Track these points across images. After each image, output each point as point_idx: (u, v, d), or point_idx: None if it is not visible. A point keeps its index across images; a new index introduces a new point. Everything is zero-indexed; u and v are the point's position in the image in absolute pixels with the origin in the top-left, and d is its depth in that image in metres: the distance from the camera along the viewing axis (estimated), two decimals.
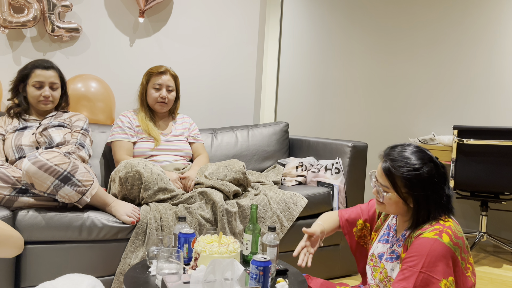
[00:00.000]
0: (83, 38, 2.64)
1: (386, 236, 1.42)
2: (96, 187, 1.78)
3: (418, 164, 1.24)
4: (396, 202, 1.28)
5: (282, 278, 1.46)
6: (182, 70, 2.88)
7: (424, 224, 1.26)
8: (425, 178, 1.24)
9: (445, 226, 1.22)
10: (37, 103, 2.09)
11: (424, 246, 1.19)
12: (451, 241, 1.19)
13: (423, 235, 1.21)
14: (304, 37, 4.28)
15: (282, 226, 2.14)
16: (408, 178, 1.23)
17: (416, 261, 1.18)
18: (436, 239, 1.19)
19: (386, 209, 1.32)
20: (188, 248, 1.55)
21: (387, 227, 1.44)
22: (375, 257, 1.41)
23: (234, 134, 2.79)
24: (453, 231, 1.22)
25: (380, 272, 1.35)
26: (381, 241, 1.43)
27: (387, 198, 1.29)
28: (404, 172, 1.24)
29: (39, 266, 1.70)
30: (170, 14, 2.87)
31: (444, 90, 3.69)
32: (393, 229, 1.41)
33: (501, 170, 2.80)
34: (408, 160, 1.25)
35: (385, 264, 1.33)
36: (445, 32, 3.68)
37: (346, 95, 4.09)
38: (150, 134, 2.31)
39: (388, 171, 1.26)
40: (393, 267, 1.30)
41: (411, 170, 1.23)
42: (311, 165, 2.57)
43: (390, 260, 1.32)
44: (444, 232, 1.20)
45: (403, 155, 1.26)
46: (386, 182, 1.27)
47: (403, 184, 1.25)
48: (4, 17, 2.33)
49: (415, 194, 1.25)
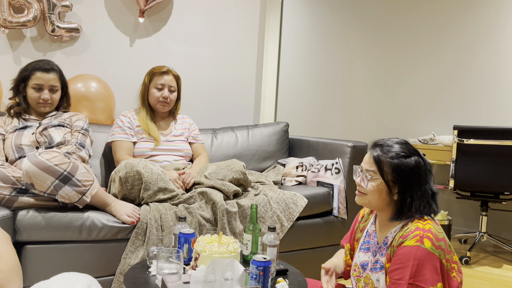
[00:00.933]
0: (83, 38, 2.64)
1: (367, 244, 1.39)
2: (96, 187, 1.78)
3: (405, 153, 1.25)
4: (380, 190, 1.26)
5: (282, 278, 1.46)
6: (182, 70, 2.88)
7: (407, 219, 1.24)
8: (411, 167, 1.23)
9: (425, 230, 1.19)
10: (36, 105, 2.09)
11: (408, 256, 1.16)
12: (433, 246, 1.17)
13: (405, 243, 1.18)
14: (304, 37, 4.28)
15: (282, 226, 2.13)
16: (395, 164, 1.23)
17: (402, 273, 1.16)
18: (418, 246, 1.16)
19: (368, 199, 1.29)
20: (188, 248, 1.54)
21: (366, 235, 1.41)
22: (357, 267, 1.39)
23: (234, 134, 2.79)
24: (434, 234, 1.19)
25: (366, 283, 1.33)
26: (361, 250, 1.40)
27: (371, 185, 1.27)
28: (393, 157, 1.24)
29: (39, 266, 1.70)
30: (170, 14, 2.87)
31: (444, 90, 3.69)
32: (373, 236, 1.37)
33: (501, 170, 2.80)
34: (396, 149, 1.26)
35: (370, 275, 1.31)
36: (445, 32, 3.67)
37: (346, 95, 4.09)
38: (150, 134, 2.31)
39: (377, 158, 1.26)
40: (378, 277, 1.28)
41: (399, 157, 1.24)
42: (311, 165, 2.57)
43: (375, 270, 1.30)
44: (424, 237, 1.17)
45: (391, 145, 1.28)
46: (373, 167, 1.27)
47: (390, 170, 1.24)
48: (4, 17, 2.34)
49: (401, 182, 1.24)
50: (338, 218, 2.40)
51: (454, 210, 3.64)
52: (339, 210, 2.38)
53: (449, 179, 2.94)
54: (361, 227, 1.47)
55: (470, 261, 2.89)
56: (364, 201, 1.31)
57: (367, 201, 1.30)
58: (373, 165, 1.27)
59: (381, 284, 1.27)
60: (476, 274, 2.69)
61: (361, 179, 1.31)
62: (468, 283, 2.53)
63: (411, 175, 1.23)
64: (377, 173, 1.26)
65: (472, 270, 2.76)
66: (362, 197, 1.31)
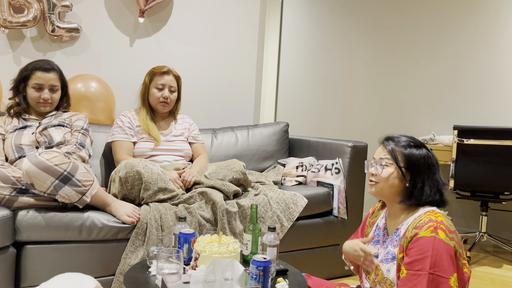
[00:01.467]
0: (83, 38, 2.64)
1: (376, 237, 1.41)
2: (96, 187, 1.78)
3: (415, 144, 1.34)
4: (393, 177, 1.31)
5: (282, 278, 1.46)
6: (182, 70, 2.88)
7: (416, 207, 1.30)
8: (422, 156, 1.31)
9: (438, 221, 1.22)
10: (36, 104, 2.09)
11: (426, 247, 1.18)
12: (447, 237, 1.20)
13: (420, 234, 1.20)
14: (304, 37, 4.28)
15: (282, 226, 2.14)
16: (408, 152, 1.31)
17: (422, 264, 1.18)
18: (434, 236, 1.19)
19: (380, 187, 1.34)
20: (188, 248, 1.54)
21: (376, 228, 1.44)
22: None
23: (234, 134, 2.79)
24: (446, 226, 1.22)
25: (376, 274, 1.34)
26: (371, 243, 1.42)
27: (385, 172, 1.32)
28: (405, 147, 1.32)
29: (39, 266, 1.70)
30: (170, 14, 2.87)
31: (444, 90, 3.69)
32: (383, 229, 1.41)
33: (501, 170, 2.80)
34: (406, 140, 1.35)
35: (381, 266, 1.32)
36: (445, 32, 3.68)
37: (346, 95, 4.09)
38: (150, 134, 2.31)
39: (390, 147, 1.34)
40: (389, 268, 1.29)
41: (411, 147, 1.32)
42: (311, 165, 2.57)
43: (386, 261, 1.31)
44: (438, 228, 1.20)
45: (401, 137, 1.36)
46: (387, 155, 1.34)
47: (403, 158, 1.31)
48: (4, 17, 2.34)
49: (413, 169, 1.30)
50: (338, 218, 2.40)
51: (454, 210, 3.64)
52: (339, 210, 2.38)
53: (449, 179, 2.94)
54: (371, 222, 1.50)
55: (470, 261, 2.89)
56: (377, 189, 1.35)
57: (380, 189, 1.35)
58: (387, 154, 1.34)
59: (391, 275, 1.28)
60: (476, 274, 2.69)
61: (375, 168, 1.36)
62: None
63: (422, 163, 1.30)
64: (392, 160, 1.32)
65: (472, 270, 2.76)
66: (375, 186, 1.36)
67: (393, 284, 1.27)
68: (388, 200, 1.37)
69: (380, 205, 1.51)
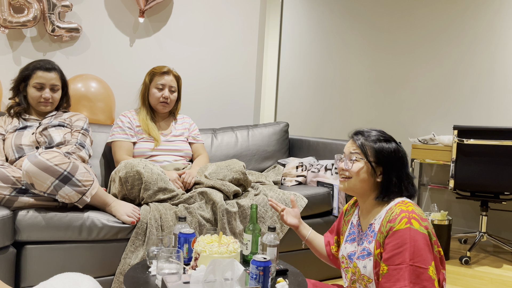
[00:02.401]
0: (83, 38, 2.64)
1: (352, 235, 1.42)
2: (96, 187, 1.78)
3: (385, 138, 1.35)
4: (364, 172, 1.32)
5: (282, 278, 1.46)
6: (182, 70, 2.88)
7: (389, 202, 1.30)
8: (392, 150, 1.32)
9: (409, 211, 1.23)
10: (37, 104, 2.09)
11: (403, 239, 1.19)
12: (421, 226, 1.21)
13: (395, 228, 1.21)
14: (304, 37, 4.28)
15: (282, 226, 2.13)
16: (377, 147, 1.32)
17: (402, 257, 1.19)
18: (409, 227, 1.20)
19: (352, 182, 1.34)
20: (188, 248, 1.54)
21: (351, 226, 1.45)
22: (345, 259, 1.41)
23: (234, 134, 2.79)
24: (418, 215, 1.23)
25: (353, 273, 1.35)
26: (348, 241, 1.43)
27: (356, 167, 1.33)
28: (375, 141, 1.33)
29: (39, 266, 1.70)
30: (170, 14, 2.87)
31: (444, 90, 3.69)
32: (357, 226, 1.41)
33: (501, 170, 2.80)
34: (375, 134, 1.36)
35: (358, 263, 1.33)
36: (445, 32, 3.68)
37: (346, 95, 4.09)
38: (150, 134, 2.31)
39: (360, 142, 1.35)
40: (365, 264, 1.30)
41: (380, 141, 1.33)
42: (311, 165, 2.57)
43: (362, 258, 1.32)
44: (412, 218, 1.21)
45: (370, 131, 1.37)
46: (357, 149, 1.34)
47: (373, 153, 1.32)
48: (4, 17, 2.34)
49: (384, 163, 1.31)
50: None
51: (454, 210, 3.64)
52: (339, 210, 2.38)
53: (449, 179, 2.93)
54: (346, 221, 1.51)
55: (470, 261, 2.89)
56: (349, 185, 1.36)
57: (352, 185, 1.35)
58: (357, 148, 1.35)
59: (368, 271, 1.29)
60: (476, 274, 2.69)
61: (345, 163, 1.36)
62: (468, 283, 2.53)
63: (393, 157, 1.32)
64: (362, 155, 1.33)
65: (472, 270, 2.76)
66: (347, 181, 1.36)
67: (371, 280, 1.29)
68: (360, 195, 1.38)
69: (353, 202, 1.52)
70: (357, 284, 1.35)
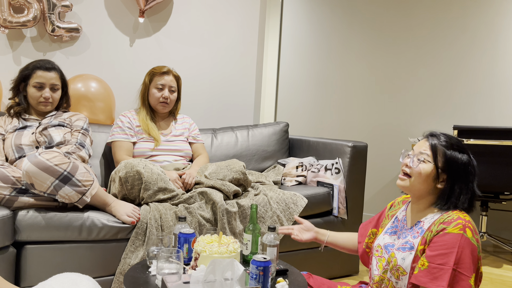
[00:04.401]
0: (83, 38, 2.64)
1: (394, 229, 1.42)
2: (96, 187, 1.78)
3: (459, 148, 1.30)
4: (427, 175, 1.29)
5: (282, 278, 1.46)
6: (182, 70, 2.88)
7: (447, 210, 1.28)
8: (463, 162, 1.28)
9: (466, 220, 1.23)
10: (37, 104, 2.09)
11: (453, 243, 1.19)
12: (473, 237, 1.21)
13: (448, 230, 1.21)
14: (304, 37, 4.28)
15: (282, 226, 2.13)
16: (449, 154, 1.28)
17: (446, 259, 1.19)
18: (462, 234, 1.19)
19: (412, 182, 1.32)
20: (188, 248, 1.54)
21: (395, 220, 1.44)
22: (380, 248, 1.41)
23: (234, 134, 2.79)
24: (474, 227, 1.23)
25: (388, 262, 1.35)
26: (387, 233, 1.43)
27: (420, 168, 1.30)
28: (448, 148, 1.29)
29: (39, 266, 1.70)
30: (170, 14, 2.87)
31: (444, 90, 3.69)
32: (402, 221, 1.41)
33: (501, 170, 2.80)
34: (453, 142, 1.31)
35: (396, 253, 1.33)
36: (445, 32, 3.68)
37: (346, 95, 4.09)
38: (150, 134, 2.31)
39: (433, 144, 1.31)
40: (404, 257, 1.30)
41: (454, 150, 1.29)
42: (311, 165, 2.57)
43: (403, 250, 1.32)
44: (467, 227, 1.21)
45: (447, 137, 1.33)
46: (428, 151, 1.31)
47: (443, 159, 1.29)
48: (4, 17, 2.34)
49: (451, 172, 1.28)
50: (338, 218, 2.40)
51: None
52: (339, 210, 2.38)
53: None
54: (389, 215, 1.50)
55: None
56: (407, 183, 1.33)
57: (410, 184, 1.32)
58: (428, 150, 1.31)
59: (405, 263, 1.29)
60: None
61: (411, 160, 1.33)
62: None
63: (462, 168, 1.28)
64: (431, 157, 1.30)
65: None
66: (406, 180, 1.33)
67: (405, 272, 1.28)
68: (415, 196, 1.35)
69: (401, 200, 1.51)
70: (389, 273, 1.34)
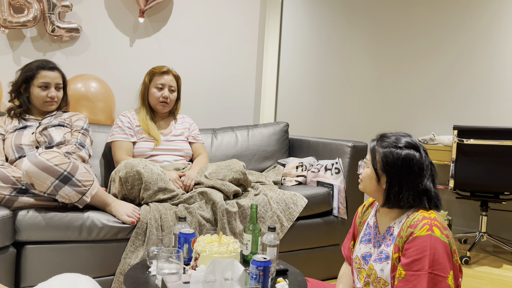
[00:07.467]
0: (83, 38, 2.64)
1: (367, 236, 1.40)
2: (96, 187, 1.78)
3: (399, 144, 1.28)
4: (370, 177, 1.32)
5: (282, 278, 1.46)
6: (182, 70, 2.88)
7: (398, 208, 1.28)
8: (400, 158, 1.25)
9: (431, 218, 1.22)
10: (42, 104, 2.09)
11: (423, 246, 1.18)
12: (442, 234, 1.19)
13: (416, 234, 1.20)
14: (304, 37, 4.28)
15: (282, 226, 2.14)
16: (385, 153, 1.28)
17: (421, 264, 1.18)
18: (430, 235, 1.18)
19: (363, 185, 1.36)
20: (188, 248, 1.55)
21: (367, 227, 1.43)
22: (358, 259, 1.40)
23: (234, 134, 2.79)
24: (440, 223, 1.21)
25: (368, 275, 1.34)
26: (362, 242, 1.41)
27: (364, 172, 1.34)
28: (384, 147, 1.29)
29: (39, 266, 1.70)
30: (170, 14, 2.87)
31: (444, 90, 3.69)
32: (374, 227, 1.40)
33: (501, 170, 2.80)
34: (391, 139, 1.30)
35: (374, 265, 1.32)
36: (445, 32, 3.68)
37: (346, 95, 4.09)
38: (150, 134, 2.31)
39: (372, 147, 1.34)
40: (382, 267, 1.29)
41: (391, 147, 1.28)
42: (311, 165, 2.57)
43: (379, 260, 1.30)
44: (433, 225, 1.20)
45: (389, 136, 1.32)
46: (368, 155, 1.35)
47: (380, 159, 1.29)
48: (4, 17, 2.34)
49: (388, 170, 1.27)
50: (338, 218, 2.40)
51: (454, 210, 3.64)
52: (339, 210, 2.38)
53: (449, 179, 2.94)
54: (361, 222, 1.49)
55: (470, 261, 2.89)
56: (361, 186, 1.38)
57: (363, 187, 1.37)
58: (369, 154, 1.35)
59: (385, 274, 1.28)
60: (476, 274, 2.69)
61: (360, 166, 1.38)
62: (468, 283, 2.53)
63: (400, 165, 1.26)
64: (369, 162, 1.33)
65: (472, 270, 2.76)
66: (360, 183, 1.38)
67: (387, 283, 1.27)
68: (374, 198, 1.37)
69: (368, 204, 1.50)
70: (371, 286, 1.34)
